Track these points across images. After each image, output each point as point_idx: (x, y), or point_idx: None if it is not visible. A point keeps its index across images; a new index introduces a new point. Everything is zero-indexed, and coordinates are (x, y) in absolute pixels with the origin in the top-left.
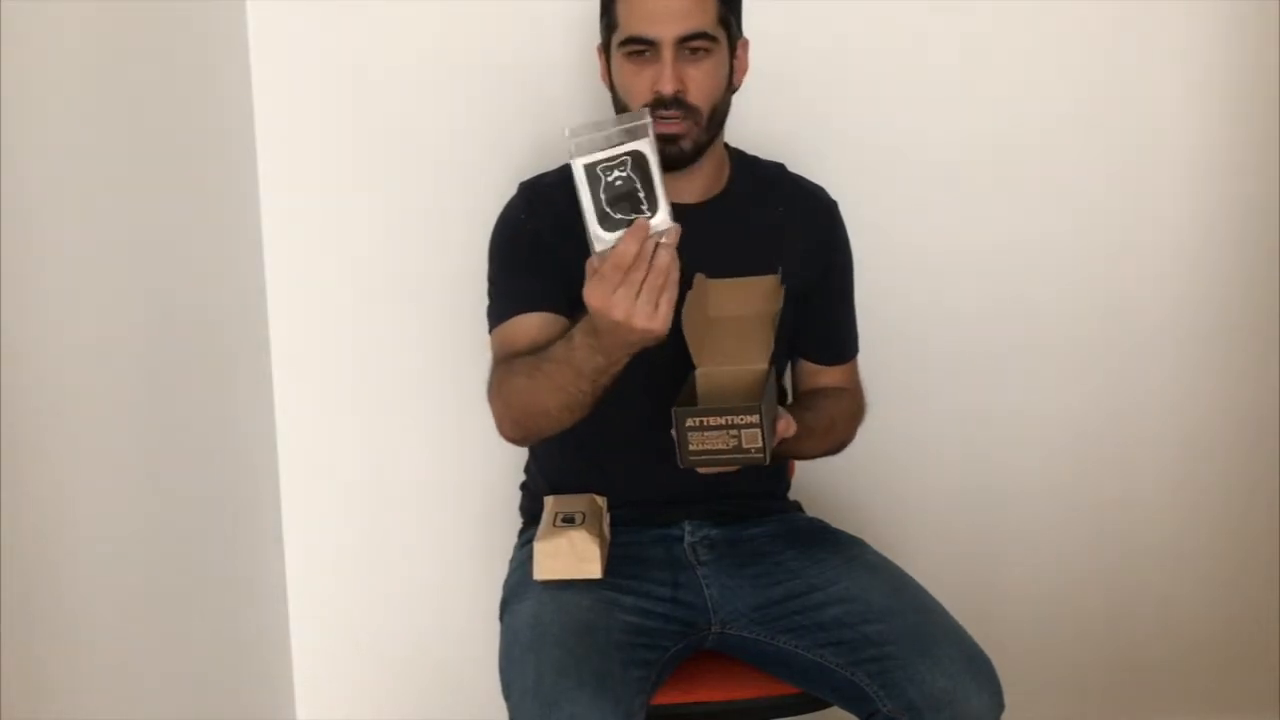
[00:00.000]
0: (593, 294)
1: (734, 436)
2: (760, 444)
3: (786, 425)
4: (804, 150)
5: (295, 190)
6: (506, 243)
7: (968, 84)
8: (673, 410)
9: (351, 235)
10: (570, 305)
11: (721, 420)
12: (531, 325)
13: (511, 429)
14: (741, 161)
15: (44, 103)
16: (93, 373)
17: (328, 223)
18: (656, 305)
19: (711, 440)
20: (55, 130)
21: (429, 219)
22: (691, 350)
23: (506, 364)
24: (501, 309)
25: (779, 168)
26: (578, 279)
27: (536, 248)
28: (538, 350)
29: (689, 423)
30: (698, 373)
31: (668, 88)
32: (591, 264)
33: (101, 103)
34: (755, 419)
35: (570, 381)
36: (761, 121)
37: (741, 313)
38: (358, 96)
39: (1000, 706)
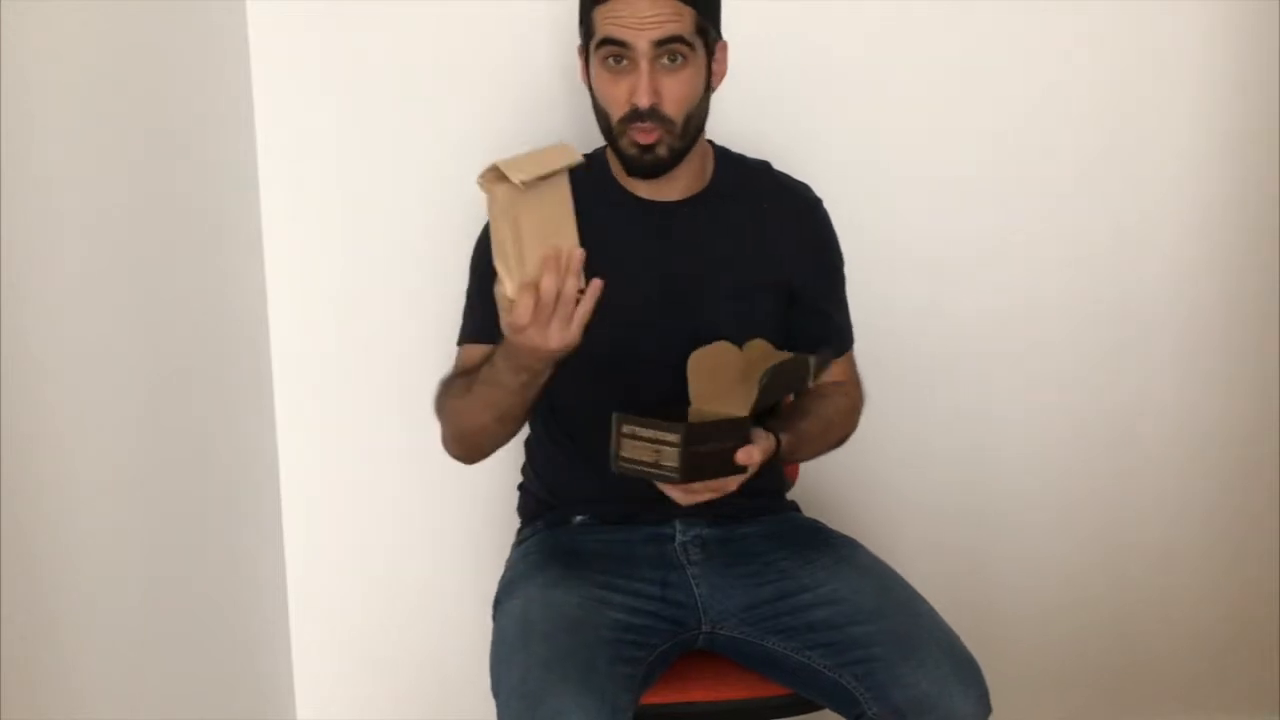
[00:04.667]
0: (511, 330)
1: (655, 451)
2: (676, 464)
3: (747, 455)
4: (797, 149)
5: (295, 191)
6: (480, 262)
7: (964, 82)
8: (613, 414)
9: (352, 235)
10: None
11: (648, 433)
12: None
13: (456, 447)
14: (726, 159)
15: (43, 104)
16: (93, 374)
17: (328, 223)
18: (569, 324)
19: (637, 450)
20: (55, 131)
21: (430, 219)
22: (691, 392)
23: (447, 384)
24: (467, 330)
25: (764, 166)
26: None
27: None
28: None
29: (624, 429)
30: (690, 410)
31: (644, 100)
32: (503, 300)
33: (101, 103)
34: (676, 439)
35: (501, 398)
36: (750, 121)
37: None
38: (358, 97)
39: (987, 710)
